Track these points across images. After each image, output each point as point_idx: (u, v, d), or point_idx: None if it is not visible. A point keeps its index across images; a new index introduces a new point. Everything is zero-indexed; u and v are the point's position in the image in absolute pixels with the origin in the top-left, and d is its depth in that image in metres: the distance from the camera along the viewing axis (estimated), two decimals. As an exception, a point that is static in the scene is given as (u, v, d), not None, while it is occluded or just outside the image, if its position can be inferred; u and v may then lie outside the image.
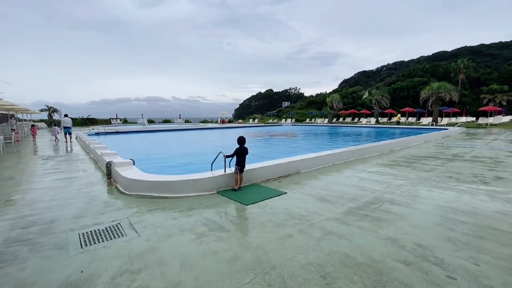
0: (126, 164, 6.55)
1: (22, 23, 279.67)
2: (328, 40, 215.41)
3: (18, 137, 16.51)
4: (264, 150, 13.44)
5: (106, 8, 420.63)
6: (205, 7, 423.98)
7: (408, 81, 52.09)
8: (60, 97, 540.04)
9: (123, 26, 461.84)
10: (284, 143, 16.72)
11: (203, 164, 9.29)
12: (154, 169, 8.34)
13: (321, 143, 16.40)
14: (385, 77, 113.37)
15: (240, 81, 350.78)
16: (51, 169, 7.88)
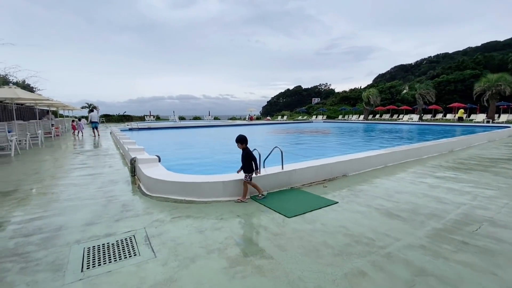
0: (150, 160, 5.93)
1: (69, 28, 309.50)
2: (360, 34, 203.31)
3: (58, 131, 17.23)
4: (298, 148, 12.31)
5: (141, 12, 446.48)
6: (234, 6, 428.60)
7: (457, 74, 46.97)
8: (101, 96, 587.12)
9: (156, 28, 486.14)
10: (319, 141, 15.40)
11: (234, 163, 8.51)
12: (181, 167, 7.72)
13: (360, 142, 14.81)
14: (426, 70, 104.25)
15: (268, 78, 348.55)
16: (78, 164, 7.61)
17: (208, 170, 7.64)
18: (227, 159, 9.33)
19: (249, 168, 4.27)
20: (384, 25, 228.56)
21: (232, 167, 7.37)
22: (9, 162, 7.96)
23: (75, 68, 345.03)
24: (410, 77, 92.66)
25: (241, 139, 4.34)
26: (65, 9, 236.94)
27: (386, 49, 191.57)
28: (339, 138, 16.71)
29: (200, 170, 7.84)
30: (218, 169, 7.75)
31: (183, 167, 7.92)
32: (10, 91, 9.52)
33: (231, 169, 7.22)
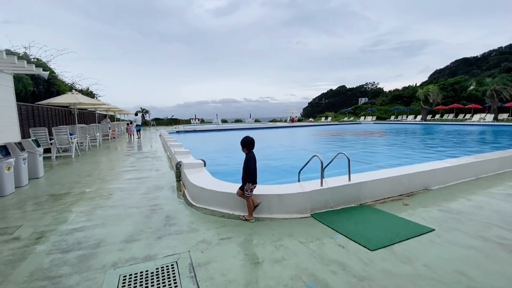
0: (195, 165, 5.50)
1: (126, 41, 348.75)
2: (412, 28, 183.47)
3: (114, 134, 18.56)
4: (358, 153, 11.03)
5: (188, 22, 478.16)
6: (275, 9, 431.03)
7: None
8: (153, 102, 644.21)
9: (201, 36, 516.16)
10: (373, 145, 13.76)
11: (284, 169, 7.75)
12: (227, 173, 7.23)
13: (425, 147, 12.77)
14: (496, 63, 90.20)
15: (309, 79, 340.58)
16: (128, 166, 7.65)
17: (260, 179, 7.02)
18: (276, 165, 8.62)
19: (249, 178, 3.38)
20: (440, 16, 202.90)
21: (282, 175, 6.58)
22: (69, 163, 8.42)
23: (131, 77, 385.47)
24: (475, 72, 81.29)
25: (244, 143, 3.48)
26: (123, 25, 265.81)
27: (443, 42, 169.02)
28: (397, 142, 14.76)
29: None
30: (266, 176, 7.08)
31: (229, 173, 7.43)
32: (72, 97, 10.26)
33: (280, 176, 6.39)
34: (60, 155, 9.87)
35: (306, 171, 4.48)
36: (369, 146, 13.11)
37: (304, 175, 4.54)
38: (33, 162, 6.06)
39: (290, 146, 13.73)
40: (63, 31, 45.25)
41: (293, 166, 7.73)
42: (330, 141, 15.67)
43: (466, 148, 11.24)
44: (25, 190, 5.22)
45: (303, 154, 10.56)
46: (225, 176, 5.39)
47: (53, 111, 12.19)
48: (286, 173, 7.22)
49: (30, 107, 10.29)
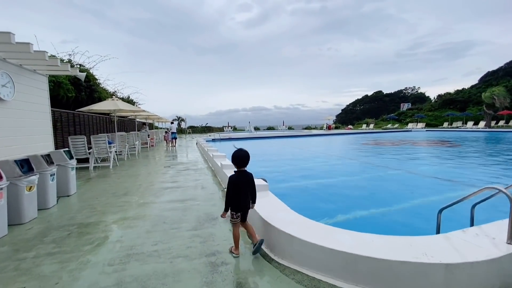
0: (259, 188, 4.04)
1: (165, 55, 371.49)
2: (454, 28, 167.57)
3: (153, 142, 18.19)
4: (449, 171, 8.87)
5: (221, 34, 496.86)
6: (305, 17, 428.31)
7: None
8: (187, 110, 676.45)
9: (233, 47, 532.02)
10: (460, 159, 11.29)
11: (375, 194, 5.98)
12: (291, 196, 5.69)
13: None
14: None
15: (342, 86, 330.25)
16: (169, 181, 6.49)
17: (340, 202, 5.37)
18: (354, 185, 6.92)
19: (236, 203, 2.71)
20: (485, 15, 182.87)
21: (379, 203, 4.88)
22: (105, 175, 7.55)
23: (167, 88, 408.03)
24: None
25: (241, 158, 2.80)
26: (163, 40, 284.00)
27: (491, 42, 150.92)
28: (488, 155, 12.03)
29: (326, 205, 5.65)
30: (348, 203, 5.41)
31: (292, 195, 5.87)
32: (113, 103, 9.65)
33: (377, 204, 4.67)
34: (98, 165, 9.18)
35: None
36: (461, 159, 10.71)
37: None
38: (63, 177, 5.12)
39: (359, 160, 11.81)
40: (111, 49, 49.29)
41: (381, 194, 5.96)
42: (398, 153, 13.37)
43: None
44: (50, 215, 4.18)
45: (383, 172, 8.63)
46: (291, 200, 3.88)
47: (93, 118, 11.82)
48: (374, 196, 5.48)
49: (71, 114, 9.85)
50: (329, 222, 3.95)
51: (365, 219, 4.37)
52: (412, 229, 3.98)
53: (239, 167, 2.80)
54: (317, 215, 3.93)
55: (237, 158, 2.78)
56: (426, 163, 9.88)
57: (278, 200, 3.60)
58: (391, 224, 4.22)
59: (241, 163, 2.78)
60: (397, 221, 4.31)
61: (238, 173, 2.78)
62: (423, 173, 7.74)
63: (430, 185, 6.41)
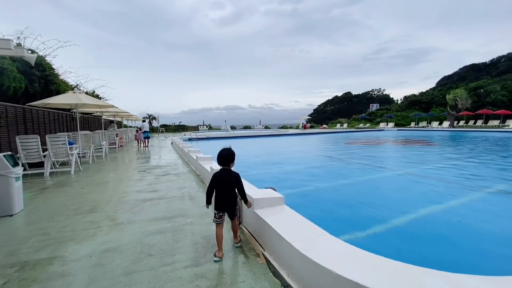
0: (272, 201, 3.19)
1: (132, 50, 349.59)
2: (414, 35, 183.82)
3: (122, 142, 16.42)
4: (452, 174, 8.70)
5: (194, 31, 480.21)
6: (278, 18, 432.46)
7: None
8: (158, 109, 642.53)
9: (206, 44, 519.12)
10: (446, 160, 11.38)
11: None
12: (303, 206, 4.90)
13: (499, 159, 10.36)
14: (506, 69, 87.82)
15: (313, 86, 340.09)
16: (147, 190, 5.37)
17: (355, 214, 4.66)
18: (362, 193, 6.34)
19: (217, 201, 2.76)
20: (442, 24, 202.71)
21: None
22: (65, 184, 6.17)
23: (137, 85, 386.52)
24: (485, 78, 78.87)
25: (224, 157, 2.80)
26: (132, 34, 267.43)
27: (446, 49, 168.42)
28: (466, 153, 12.33)
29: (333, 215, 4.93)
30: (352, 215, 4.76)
31: (301, 204, 5.09)
32: (74, 96, 8.12)
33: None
34: (57, 171, 7.66)
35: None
36: (446, 159, 10.72)
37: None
38: (3, 190, 3.83)
39: (363, 163, 11.37)
40: (74, 42, 45.12)
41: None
42: (382, 151, 13.28)
43: None
44: (-21, 248, 2.95)
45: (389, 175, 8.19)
46: (301, 207, 3.13)
47: (50, 115, 10.06)
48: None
49: (21, 109, 8.15)
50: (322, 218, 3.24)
51: (380, 233, 3.74)
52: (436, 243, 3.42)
53: (221, 165, 2.78)
54: (331, 225, 3.20)
55: (218, 156, 2.77)
56: (431, 164, 9.75)
57: (302, 218, 2.79)
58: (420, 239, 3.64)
59: (221, 162, 2.75)
60: (421, 236, 3.74)
61: (220, 171, 2.77)
62: (439, 176, 7.45)
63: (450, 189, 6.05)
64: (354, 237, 3.52)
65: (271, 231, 2.58)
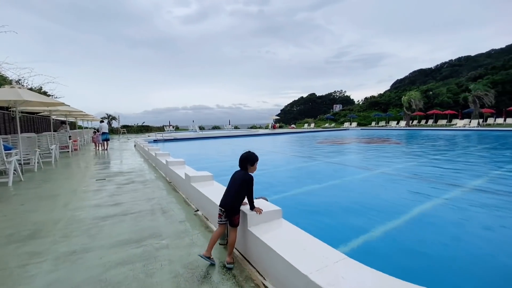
0: (267, 214, 2.68)
1: (89, 45, 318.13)
2: (370, 42, 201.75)
3: (76, 145, 14.59)
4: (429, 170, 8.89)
5: (157, 27, 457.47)
6: (244, 19, 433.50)
7: (503, 74, 42.07)
8: (118, 108, 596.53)
9: (171, 42, 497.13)
10: (413, 156, 11.86)
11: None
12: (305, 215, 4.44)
13: (457, 154, 11.15)
14: (448, 74, 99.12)
15: (280, 87, 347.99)
16: (108, 204, 4.50)
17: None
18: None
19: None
20: (394, 32, 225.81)
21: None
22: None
23: (95, 83, 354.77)
24: (431, 81, 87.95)
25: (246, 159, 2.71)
26: (87, 28, 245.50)
27: (397, 55, 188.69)
28: (427, 150, 13.07)
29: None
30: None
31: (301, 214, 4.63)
32: (12, 92, 6.73)
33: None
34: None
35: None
36: (409, 158, 11.14)
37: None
38: None
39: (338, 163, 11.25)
40: (17, 34, 38.24)
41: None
42: (357, 151, 13.53)
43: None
44: None
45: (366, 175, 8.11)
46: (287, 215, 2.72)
47: (-19, 114, 8.34)
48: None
49: None
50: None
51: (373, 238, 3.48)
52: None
53: (239, 167, 2.74)
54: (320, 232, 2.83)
55: (246, 159, 2.70)
56: (401, 161, 10.00)
57: (309, 237, 2.31)
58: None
59: (239, 163, 2.73)
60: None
61: (240, 171, 2.72)
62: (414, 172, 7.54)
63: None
64: (349, 248, 3.18)
65: (274, 256, 2.08)
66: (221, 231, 2.60)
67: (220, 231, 2.60)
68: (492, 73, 46.19)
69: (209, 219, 3.66)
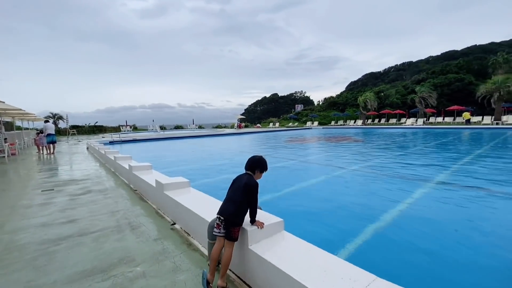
0: (270, 228, 2.32)
1: (29, 36, 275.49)
2: (326, 45, 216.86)
3: (14, 149, 12.49)
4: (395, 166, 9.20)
5: (110, 20, 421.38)
6: (205, 17, 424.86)
7: (441, 78, 47.66)
8: (65, 107, 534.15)
9: (126, 36, 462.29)
10: (379, 154, 12.43)
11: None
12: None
13: (417, 151, 12.08)
14: (394, 77, 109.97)
15: (243, 87, 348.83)
16: (59, 222, 3.69)
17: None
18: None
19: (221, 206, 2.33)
20: (347, 38, 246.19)
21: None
22: None
23: (37, 78, 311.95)
24: (380, 84, 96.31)
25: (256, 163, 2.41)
26: (27, 17, 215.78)
27: (350, 59, 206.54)
28: (392, 147, 13.90)
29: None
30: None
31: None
32: None
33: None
34: None
35: None
36: (375, 155, 11.66)
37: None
38: None
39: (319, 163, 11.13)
40: None
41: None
42: (329, 149, 13.79)
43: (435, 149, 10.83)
44: None
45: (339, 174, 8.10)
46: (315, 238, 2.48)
47: None
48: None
49: None
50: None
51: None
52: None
53: (245, 169, 2.41)
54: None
55: (255, 163, 2.39)
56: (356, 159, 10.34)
57: (325, 253, 2.02)
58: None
59: (246, 165, 2.41)
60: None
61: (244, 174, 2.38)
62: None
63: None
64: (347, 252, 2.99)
65: (289, 282, 1.73)
66: (221, 245, 2.19)
67: (220, 245, 2.18)
68: (432, 77, 52.00)
69: (190, 233, 3.18)
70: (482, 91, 27.62)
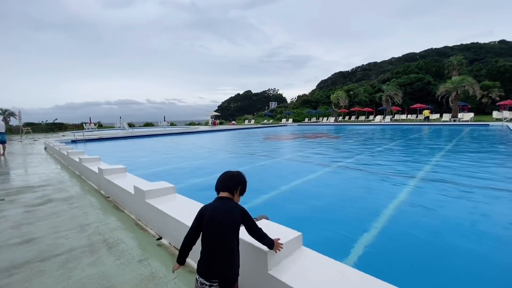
0: (289, 246, 1.96)
1: None
2: (298, 44, 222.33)
3: (-49, 151, 10.66)
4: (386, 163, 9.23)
5: (68, 8, 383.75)
6: (175, 10, 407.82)
7: (404, 78, 50.94)
8: (18, 102, 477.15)
9: (87, 27, 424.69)
10: (357, 149, 12.62)
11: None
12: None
13: (398, 147, 12.54)
14: (361, 77, 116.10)
15: (216, 83, 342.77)
16: (12, 243, 2.97)
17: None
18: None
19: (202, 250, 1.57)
20: (318, 37, 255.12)
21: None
22: None
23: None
24: (348, 83, 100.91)
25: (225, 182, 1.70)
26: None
27: (320, 58, 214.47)
28: (366, 143, 14.26)
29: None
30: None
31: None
32: None
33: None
34: None
35: None
36: (361, 150, 11.81)
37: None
38: None
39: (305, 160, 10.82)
40: None
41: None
42: (308, 146, 13.71)
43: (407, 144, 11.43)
44: None
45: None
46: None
47: None
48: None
49: None
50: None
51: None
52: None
53: (217, 192, 1.69)
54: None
55: (226, 181, 1.69)
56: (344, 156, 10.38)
57: (364, 276, 1.71)
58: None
59: (217, 185, 1.69)
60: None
61: (213, 202, 1.66)
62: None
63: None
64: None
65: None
66: None
67: None
68: (396, 76, 55.39)
69: (139, 223, 2.70)
70: (442, 90, 29.86)
